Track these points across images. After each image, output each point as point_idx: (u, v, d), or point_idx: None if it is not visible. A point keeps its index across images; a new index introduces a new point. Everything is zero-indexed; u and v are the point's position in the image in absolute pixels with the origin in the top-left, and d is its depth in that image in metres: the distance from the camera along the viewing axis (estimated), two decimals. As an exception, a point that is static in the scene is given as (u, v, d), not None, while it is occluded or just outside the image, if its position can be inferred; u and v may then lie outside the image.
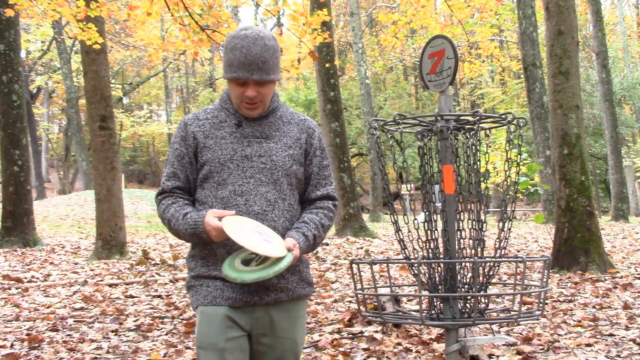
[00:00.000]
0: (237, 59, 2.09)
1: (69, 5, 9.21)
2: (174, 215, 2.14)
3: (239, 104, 2.17)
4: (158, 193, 2.23)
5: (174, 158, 2.21)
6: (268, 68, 2.10)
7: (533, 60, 15.84)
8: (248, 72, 2.08)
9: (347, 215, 13.96)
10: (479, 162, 2.53)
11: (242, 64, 2.08)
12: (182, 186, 2.20)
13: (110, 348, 4.50)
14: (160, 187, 2.23)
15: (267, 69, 2.10)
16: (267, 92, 2.16)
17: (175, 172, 2.20)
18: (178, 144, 2.21)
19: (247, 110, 2.17)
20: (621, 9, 35.44)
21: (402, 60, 30.68)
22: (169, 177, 2.21)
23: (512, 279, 6.43)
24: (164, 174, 2.24)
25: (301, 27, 8.93)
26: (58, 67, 33.27)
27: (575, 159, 7.65)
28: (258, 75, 2.09)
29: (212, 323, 2.08)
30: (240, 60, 2.08)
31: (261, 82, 2.11)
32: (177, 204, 2.17)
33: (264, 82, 2.12)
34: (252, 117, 2.19)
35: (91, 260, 9.77)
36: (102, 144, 10.08)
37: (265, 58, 2.09)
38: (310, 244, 2.15)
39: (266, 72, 2.10)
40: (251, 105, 2.15)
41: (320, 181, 2.27)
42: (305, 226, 2.16)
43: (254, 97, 2.13)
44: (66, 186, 38.01)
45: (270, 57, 2.11)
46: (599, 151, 29.56)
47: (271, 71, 2.12)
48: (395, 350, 4.18)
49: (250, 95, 2.12)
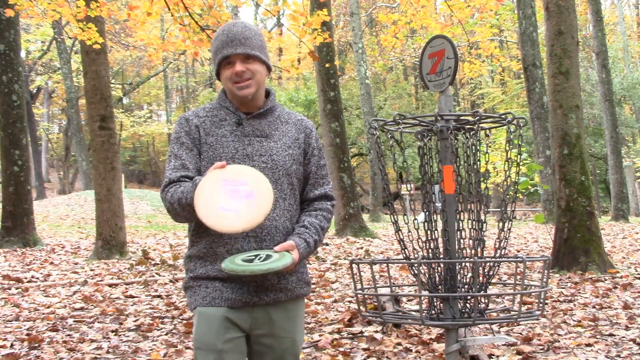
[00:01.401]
0: (220, 40, 2.14)
1: (69, 5, 9.21)
2: (183, 192, 2.02)
3: (231, 87, 2.15)
4: (163, 186, 2.13)
5: (181, 151, 2.14)
6: (252, 44, 2.14)
7: (533, 60, 15.84)
8: (232, 48, 2.12)
9: (347, 215, 13.96)
10: (479, 162, 2.53)
11: (224, 43, 2.13)
12: (191, 176, 2.10)
13: (110, 348, 4.50)
14: (166, 180, 2.12)
15: (250, 45, 2.13)
16: (256, 70, 2.15)
17: (183, 164, 2.12)
18: (184, 137, 2.15)
19: (239, 91, 2.14)
20: (621, 9, 35.45)
21: (402, 60, 30.68)
22: (177, 168, 2.12)
23: (512, 279, 6.43)
24: (169, 167, 2.14)
25: (301, 27, 8.93)
26: (58, 67, 33.28)
27: (575, 159, 7.65)
28: (242, 49, 2.12)
29: (210, 324, 2.08)
30: (223, 40, 2.14)
31: (247, 57, 2.13)
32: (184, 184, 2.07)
33: (249, 56, 2.13)
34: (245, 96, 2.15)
35: (91, 260, 9.77)
36: (102, 144, 10.09)
37: (247, 35, 2.14)
38: (311, 250, 2.16)
39: (250, 47, 2.13)
40: (241, 81, 2.13)
41: (318, 180, 2.27)
42: (307, 232, 2.15)
43: (242, 73, 2.12)
44: (66, 186, 38.03)
45: (253, 35, 2.15)
46: (599, 151, 29.56)
47: (255, 48, 2.15)
48: (395, 350, 4.18)
49: (238, 70, 2.11)
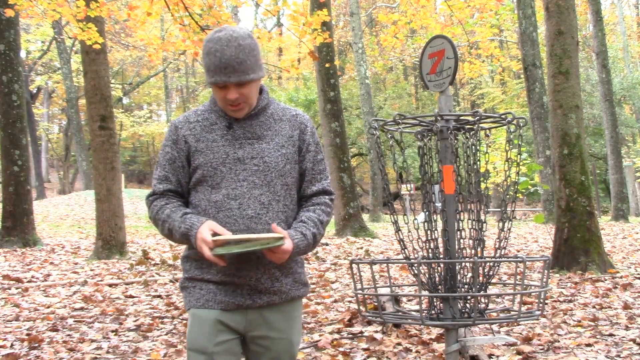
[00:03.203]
0: (213, 63, 2.05)
1: (69, 5, 9.21)
2: (170, 216, 2.12)
3: (224, 106, 2.15)
4: (149, 194, 2.22)
5: (165, 161, 2.20)
6: (246, 68, 2.06)
7: (533, 60, 15.84)
8: (225, 76, 2.04)
9: (347, 215, 13.96)
10: (479, 162, 2.53)
11: (218, 68, 2.05)
12: (173, 189, 2.19)
13: (110, 348, 4.50)
14: (152, 189, 2.22)
15: (244, 69, 2.06)
16: (250, 92, 2.12)
17: (166, 176, 2.19)
18: (169, 147, 2.19)
19: (232, 113, 2.15)
20: (621, 9, 35.44)
21: (402, 60, 30.68)
22: (161, 180, 2.20)
23: (512, 279, 6.43)
24: (155, 176, 2.22)
25: (301, 27, 8.93)
26: (58, 67, 33.30)
27: (575, 159, 7.65)
28: (236, 77, 2.04)
29: (202, 326, 2.08)
30: (216, 64, 2.04)
31: (241, 83, 2.08)
32: (171, 204, 2.15)
33: (244, 82, 2.08)
34: (240, 117, 2.16)
35: (91, 260, 9.77)
36: (102, 144, 10.08)
37: (241, 59, 2.04)
38: (309, 242, 2.11)
39: (244, 72, 2.06)
40: (235, 107, 2.13)
41: (315, 176, 2.24)
42: (304, 225, 2.12)
43: (235, 100, 2.09)
44: (66, 186, 38.04)
45: (247, 56, 2.06)
46: (599, 151, 29.56)
47: (250, 70, 2.07)
48: (395, 350, 4.18)
49: (231, 98, 2.08)
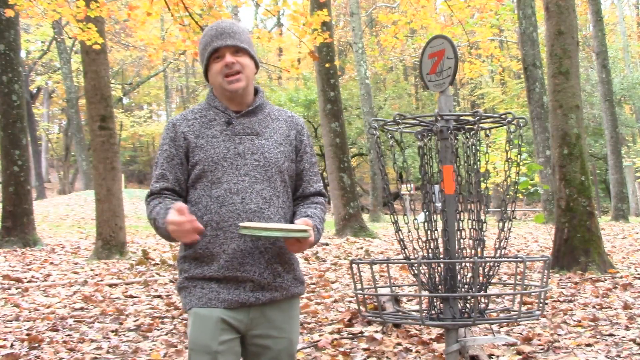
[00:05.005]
0: (209, 35, 2.17)
1: (69, 5, 9.21)
2: (159, 213, 2.10)
3: (221, 82, 2.16)
4: (147, 195, 2.22)
5: (162, 159, 2.19)
6: (240, 38, 2.17)
7: (533, 60, 15.84)
8: (221, 40, 2.14)
9: (347, 215, 13.95)
10: (479, 162, 2.53)
11: (213, 37, 2.15)
12: (170, 187, 2.17)
13: (110, 348, 4.50)
14: (150, 190, 2.20)
15: (239, 38, 2.16)
16: (246, 64, 2.16)
17: (163, 174, 2.17)
18: (167, 145, 2.18)
19: (229, 85, 2.14)
20: (621, 9, 35.44)
21: (402, 60, 30.70)
22: (158, 179, 2.18)
23: (512, 279, 6.43)
24: (153, 176, 2.22)
25: (301, 27, 8.93)
26: (58, 67, 33.28)
27: (575, 159, 7.65)
28: (232, 41, 2.14)
29: (205, 325, 2.07)
30: (212, 34, 2.16)
31: (236, 49, 2.15)
32: (163, 203, 2.13)
33: (239, 49, 2.15)
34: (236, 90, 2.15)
35: (91, 260, 9.77)
36: (102, 144, 10.09)
37: (235, 30, 2.17)
38: (318, 237, 2.17)
39: (239, 40, 2.16)
40: (232, 74, 2.14)
41: (312, 177, 2.28)
42: (313, 221, 2.15)
43: (232, 64, 2.13)
44: (66, 186, 38.01)
45: (241, 31, 2.19)
46: (599, 151, 29.55)
47: (244, 42, 2.17)
48: (395, 350, 4.18)
49: (228, 61, 2.13)
